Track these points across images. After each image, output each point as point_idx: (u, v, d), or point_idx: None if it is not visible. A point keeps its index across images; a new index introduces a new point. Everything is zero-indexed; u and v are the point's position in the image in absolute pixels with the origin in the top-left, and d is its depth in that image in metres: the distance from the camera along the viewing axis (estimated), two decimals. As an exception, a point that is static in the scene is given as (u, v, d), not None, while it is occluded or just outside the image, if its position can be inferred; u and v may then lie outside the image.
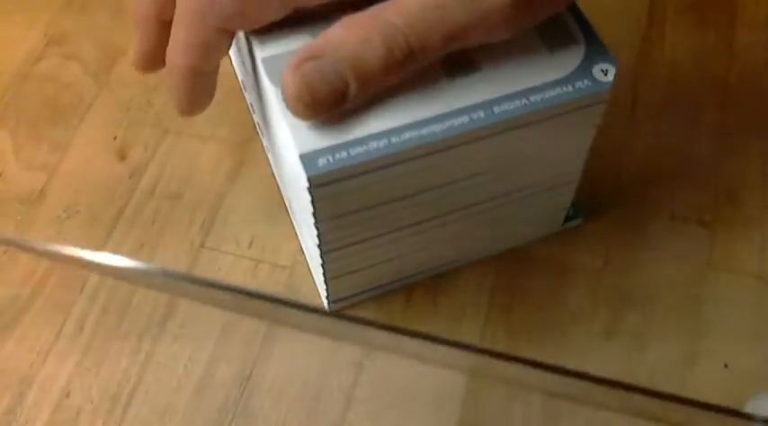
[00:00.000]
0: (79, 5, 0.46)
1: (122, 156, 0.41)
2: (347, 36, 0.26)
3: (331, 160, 0.27)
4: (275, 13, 0.28)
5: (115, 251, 0.38)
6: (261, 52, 0.28)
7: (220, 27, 0.28)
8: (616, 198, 0.39)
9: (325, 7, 0.28)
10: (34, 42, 0.45)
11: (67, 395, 0.34)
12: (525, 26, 0.27)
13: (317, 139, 0.27)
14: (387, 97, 0.28)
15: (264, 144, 0.39)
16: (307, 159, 0.27)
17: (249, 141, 0.41)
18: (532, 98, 0.28)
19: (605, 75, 0.28)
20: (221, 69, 0.31)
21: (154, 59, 0.31)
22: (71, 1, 0.47)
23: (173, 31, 0.29)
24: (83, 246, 0.38)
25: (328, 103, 0.26)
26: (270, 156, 0.39)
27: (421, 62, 0.27)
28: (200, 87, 0.30)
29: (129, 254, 0.38)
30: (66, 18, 0.46)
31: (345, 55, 0.26)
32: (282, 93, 0.27)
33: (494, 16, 0.26)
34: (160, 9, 0.30)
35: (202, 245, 0.38)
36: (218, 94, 0.32)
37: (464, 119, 0.27)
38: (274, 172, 0.39)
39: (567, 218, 0.37)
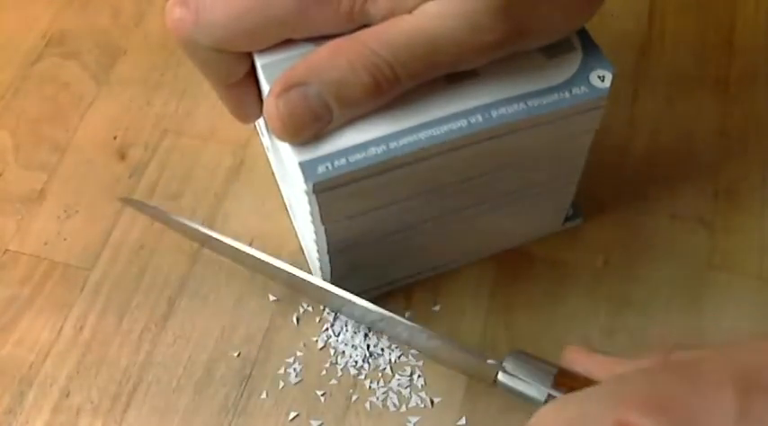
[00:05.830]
0: (79, 5, 0.46)
1: (122, 156, 0.41)
2: (332, 63, 0.26)
3: (330, 167, 0.27)
4: (270, 43, 0.28)
5: (115, 251, 0.38)
6: (261, 59, 0.28)
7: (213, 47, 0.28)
8: (616, 198, 0.39)
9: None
10: (34, 42, 0.45)
11: (67, 395, 0.35)
12: (516, 51, 0.28)
13: (316, 147, 0.27)
14: (387, 103, 0.28)
15: (264, 144, 0.39)
16: (306, 166, 0.27)
17: (249, 141, 0.41)
18: (530, 103, 0.28)
19: (602, 81, 0.28)
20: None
21: (240, 115, 0.32)
22: (71, 1, 0.46)
23: None
24: (82, 246, 0.38)
25: (311, 127, 0.27)
26: (270, 156, 0.39)
27: (407, 87, 0.27)
28: (236, 97, 0.31)
29: (129, 254, 0.38)
30: (67, 18, 0.46)
31: (330, 82, 0.26)
32: (265, 116, 0.27)
33: (485, 49, 0.26)
34: None
35: (202, 245, 0.38)
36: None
37: (462, 123, 0.27)
38: (274, 172, 0.39)
39: (567, 218, 0.37)
